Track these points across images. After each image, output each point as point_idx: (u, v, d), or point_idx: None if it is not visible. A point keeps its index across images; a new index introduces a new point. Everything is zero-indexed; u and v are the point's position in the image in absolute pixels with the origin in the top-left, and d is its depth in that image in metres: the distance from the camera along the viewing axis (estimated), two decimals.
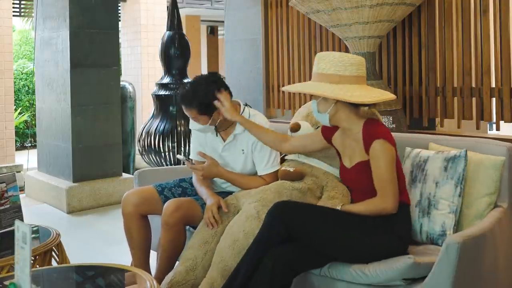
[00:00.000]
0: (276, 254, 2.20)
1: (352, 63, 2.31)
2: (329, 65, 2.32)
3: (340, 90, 2.27)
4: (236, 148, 2.84)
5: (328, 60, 2.33)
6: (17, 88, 10.45)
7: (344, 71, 2.29)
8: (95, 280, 2.19)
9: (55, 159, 5.31)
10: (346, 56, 2.34)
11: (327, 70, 2.32)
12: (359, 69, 2.32)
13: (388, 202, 2.24)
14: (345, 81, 2.30)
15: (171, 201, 2.66)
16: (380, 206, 2.25)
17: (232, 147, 2.85)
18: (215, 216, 2.59)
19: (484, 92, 3.84)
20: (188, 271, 2.47)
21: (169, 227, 2.60)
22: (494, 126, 3.91)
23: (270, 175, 2.80)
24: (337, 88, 2.28)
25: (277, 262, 2.18)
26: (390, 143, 2.27)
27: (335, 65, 2.30)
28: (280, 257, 2.19)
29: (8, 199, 2.68)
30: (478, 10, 3.87)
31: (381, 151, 2.24)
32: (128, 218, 2.83)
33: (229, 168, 2.85)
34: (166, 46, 5.97)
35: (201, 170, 2.75)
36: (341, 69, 2.30)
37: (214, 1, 10.74)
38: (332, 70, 2.31)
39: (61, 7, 5.14)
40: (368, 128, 2.30)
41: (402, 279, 2.11)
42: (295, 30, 5.11)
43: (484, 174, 2.39)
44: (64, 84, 5.13)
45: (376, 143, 2.24)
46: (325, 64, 2.33)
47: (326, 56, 2.36)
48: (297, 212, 2.27)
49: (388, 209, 2.24)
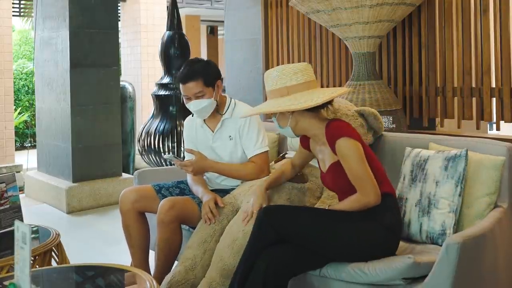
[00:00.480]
0: (270, 256, 2.20)
1: (295, 71, 2.34)
2: (275, 80, 2.35)
3: (288, 101, 2.29)
4: (224, 135, 2.86)
5: (273, 76, 2.37)
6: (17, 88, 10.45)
7: (290, 81, 2.33)
8: (94, 280, 2.19)
9: (55, 159, 5.30)
10: (288, 66, 2.37)
11: (274, 86, 2.35)
12: (304, 74, 2.35)
13: (369, 196, 2.24)
14: (294, 90, 2.32)
15: (166, 200, 2.67)
16: (363, 201, 2.25)
17: (221, 135, 2.86)
18: (213, 211, 2.60)
19: (484, 92, 3.84)
20: (187, 271, 2.47)
21: (164, 225, 2.61)
22: (494, 126, 3.91)
23: (259, 156, 2.79)
24: (286, 100, 2.30)
25: (270, 264, 2.18)
26: (354, 138, 2.27)
27: (280, 78, 2.34)
28: (273, 258, 2.20)
29: (8, 199, 2.68)
30: (478, 10, 3.87)
31: (346, 149, 2.24)
32: (126, 215, 2.84)
33: (220, 158, 2.85)
34: (166, 46, 5.97)
35: (190, 166, 2.73)
36: (286, 80, 2.33)
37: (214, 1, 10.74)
38: (279, 84, 2.34)
39: (60, 7, 5.14)
40: (329, 129, 2.31)
41: (402, 279, 2.11)
42: (295, 30, 5.11)
43: (484, 174, 2.39)
44: (63, 84, 5.13)
45: (340, 142, 2.25)
46: (271, 80, 2.37)
47: (270, 72, 2.40)
48: (284, 214, 2.27)
49: (371, 203, 2.24)
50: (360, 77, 3.94)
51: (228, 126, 2.84)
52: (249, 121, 2.82)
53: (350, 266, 2.21)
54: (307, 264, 2.28)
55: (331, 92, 2.35)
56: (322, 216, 2.30)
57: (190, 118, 2.98)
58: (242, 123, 2.81)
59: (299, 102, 2.27)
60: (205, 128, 2.89)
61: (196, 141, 2.93)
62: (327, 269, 2.27)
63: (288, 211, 2.30)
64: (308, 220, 2.27)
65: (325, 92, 2.35)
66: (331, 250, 2.26)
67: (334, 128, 2.29)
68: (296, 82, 2.32)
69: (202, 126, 2.89)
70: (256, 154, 2.80)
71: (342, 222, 2.25)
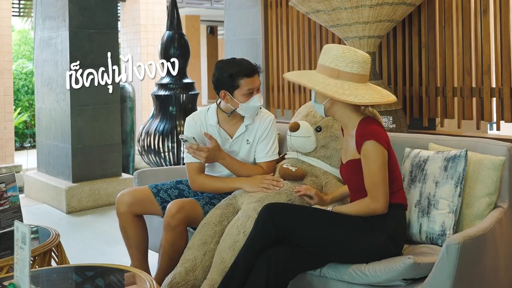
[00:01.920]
0: (271, 257, 2.20)
1: (353, 60, 2.26)
2: (331, 58, 2.28)
3: (333, 87, 2.23)
4: (244, 139, 2.84)
5: (331, 53, 2.29)
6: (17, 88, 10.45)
7: (345, 67, 2.26)
8: (94, 280, 2.19)
9: (55, 159, 5.30)
10: (350, 52, 2.28)
11: (329, 63, 2.29)
12: (361, 67, 2.27)
13: (378, 203, 2.21)
14: (344, 77, 2.26)
15: (173, 203, 2.64)
16: (370, 207, 2.22)
17: (241, 139, 2.84)
18: (274, 178, 2.66)
19: (485, 92, 3.83)
20: (187, 272, 2.47)
21: (171, 228, 2.60)
22: (495, 126, 3.90)
23: (268, 164, 2.82)
24: (332, 83, 2.24)
25: (271, 265, 2.18)
26: (382, 145, 2.22)
27: (337, 59, 2.27)
28: (274, 259, 2.19)
29: (8, 200, 2.68)
30: (478, 10, 3.86)
31: (371, 152, 2.20)
32: (122, 217, 2.83)
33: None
34: (166, 46, 5.97)
35: (206, 151, 2.69)
36: (342, 64, 2.26)
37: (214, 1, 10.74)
38: (333, 64, 2.27)
39: (60, 7, 5.14)
40: (362, 127, 2.26)
41: (402, 279, 2.11)
42: (295, 30, 5.11)
43: (484, 174, 2.38)
44: (63, 84, 5.12)
45: (368, 144, 2.21)
46: (328, 57, 2.30)
47: (331, 48, 2.32)
48: (286, 214, 2.26)
49: (378, 210, 2.22)
50: None
51: (250, 131, 2.84)
52: (270, 128, 2.84)
53: (351, 267, 2.21)
54: (305, 264, 2.28)
55: (380, 97, 2.26)
56: (325, 218, 2.28)
57: (198, 116, 2.89)
58: (264, 128, 2.82)
59: (343, 92, 2.21)
60: (221, 132, 2.84)
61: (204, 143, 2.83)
62: (327, 270, 2.27)
63: (291, 210, 2.30)
64: (311, 221, 2.26)
65: (372, 94, 2.25)
66: (330, 253, 2.25)
67: (366, 129, 2.24)
68: (350, 70, 2.25)
69: (219, 131, 2.83)
70: (266, 161, 2.82)
71: (344, 227, 2.24)
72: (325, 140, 2.77)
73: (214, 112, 2.86)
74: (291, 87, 5.11)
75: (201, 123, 2.86)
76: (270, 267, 2.17)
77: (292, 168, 2.70)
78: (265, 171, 2.79)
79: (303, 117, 2.86)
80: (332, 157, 2.77)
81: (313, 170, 2.75)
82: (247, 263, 2.23)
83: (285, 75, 2.44)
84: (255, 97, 2.73)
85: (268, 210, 2.27)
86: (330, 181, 2.71)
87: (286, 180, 2.69)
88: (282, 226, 2.23)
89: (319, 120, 2.79)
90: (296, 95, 5.07)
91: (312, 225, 2.25)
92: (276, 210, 2.28)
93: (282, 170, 2.72)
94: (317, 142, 2.78)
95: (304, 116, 2.86)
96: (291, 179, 2.68)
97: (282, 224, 2.23)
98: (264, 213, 2.27)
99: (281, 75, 5.25)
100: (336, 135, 2.77)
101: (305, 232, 2.24)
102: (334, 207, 2.34)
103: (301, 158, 2.81)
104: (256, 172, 2.78)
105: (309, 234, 2.24)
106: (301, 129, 2.77)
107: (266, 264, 2.18)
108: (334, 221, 2.26)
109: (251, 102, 2.72)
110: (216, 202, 2.78)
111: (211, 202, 2.78)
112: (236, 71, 2.69)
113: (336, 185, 2.68)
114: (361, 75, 2.29)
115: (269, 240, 2.24)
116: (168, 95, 5.86)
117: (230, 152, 2.82)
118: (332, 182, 2.71)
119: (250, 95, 2.72)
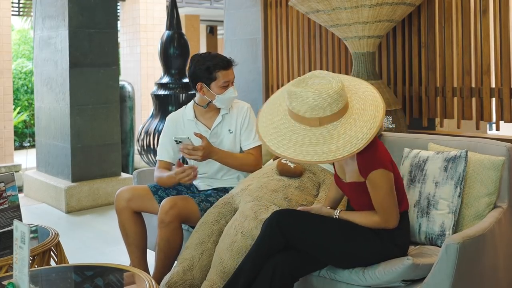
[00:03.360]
0: (276, 262, 2.19)
1: (330, 102, 2.04)
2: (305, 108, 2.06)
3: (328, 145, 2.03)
4: (224, 130, 2.94)
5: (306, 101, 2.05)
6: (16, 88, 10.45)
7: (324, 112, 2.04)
8: (93, 280, 2.19)
9: (54, 158, 5.30)
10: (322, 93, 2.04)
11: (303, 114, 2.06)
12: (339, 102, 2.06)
13: (389, 222, 2.19)
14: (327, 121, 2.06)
15: (166, 199, 2.68)
16: (381, 225, 2.20)
17: (220, 130, 2.93)
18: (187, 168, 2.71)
19: (484, 92, 3.83)
20: (185, 272, 2.47)
21: (164, 225, 2.61)
22: (494, 126, 3.90)
23: (256, 149, 2.95)
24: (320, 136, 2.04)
25: (277, 270, 2.17)
26: (388, 170, 2.14)
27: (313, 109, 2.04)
28: (280, 264, 2.18)
29: (7, 199, 2.67)
30: (478, 10, 3.86)
31: (380, 181, 2.13)
32: (121, 214, 2.85)
33: None
34: (166, 45, 5.97)
35: (202, 150, 2.73)
36: (319, 111, 2.04)
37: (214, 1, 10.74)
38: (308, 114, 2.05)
39: (60, 6, 5.13)
40: (364, 157, 2.13)
41: (402, 281, 2.11)
42: (295, 30, 5.10)
43: (484, 174, 2.38)
44: (63, 83, 5.12)
45: (375, 174, 2.12)
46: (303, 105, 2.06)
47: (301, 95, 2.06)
48: (294, 221, 2.24)
49: (390, 227, 2.20)
50: (359, 77, 3.93)
51: (228, 120, 2.94)
52: (249, 115, 2.97)
53: (350, 269, 2.21)
54: (310, 268, 2.28)
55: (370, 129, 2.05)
56: (335, 227, 2.25)
57: (176, 114, 3.04)
58: (244, 116, 2.95)
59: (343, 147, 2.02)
60: (199, 124, 2.95)
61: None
62: (326, 271, 2.26)
63: (299, 218, 2.27)
64: (319, 229, 2.24)
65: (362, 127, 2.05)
66: (336, 260, 2.24)
67: (370, 156, 2.13)
68: (330, 113, 2.05)
69: (197, 124, 2.94)
70: (254, 146, 2.93)
71: (354, 238, 2.22)
72: None
73: (191, 107, 3.00)
74: None
75: (178, 121, 2.99)
76: (276, 272, 2.17)
77: (290, 164, 2.69)
78: (256, 157, 2.93)
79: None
80: None
81: (311, 167, 2.75)
82: (253, 268, 2.22)
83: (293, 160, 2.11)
84: (230, 89, 2.86)
85: (277, 217, 2.25)
86: (328, 178, 2.71)
87: (283, 176, 2.68)
88: (289, 233, 2.21)
89: None
90: None
91: (320, 233, 2.23)
92: (284, 217, 2.26)
93: (281, 166, 2.70)
94: None
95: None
96: (289, 175, 2.68)
97: (290, 231, 2.22)
98: (272, 220, 2.25)
99: (280, 75, 5.25)
100: None
101: (312, 240, 2.22)
102: (340, 213, 2.27)
103: None
104: (248, 160, 2.90)
105: (316, 242, 2.22)
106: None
107: (272, 269, 2.17)
108: (342, 230, 2.24)
109: (227, 93, 2.86)
110: (212, 199, 2.81)
111: (207, 199, 2.81)
112: (213, 64, 2.83)
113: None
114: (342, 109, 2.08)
115: (276, 247, 2.23)
116: (168, 94, 5.86)
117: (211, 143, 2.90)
118: (330, 180, 2.70)
119: (226, 87, 2.85)
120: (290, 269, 2.20)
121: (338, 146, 2.03)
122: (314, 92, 2.04)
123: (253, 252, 2.26)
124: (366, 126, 2.06)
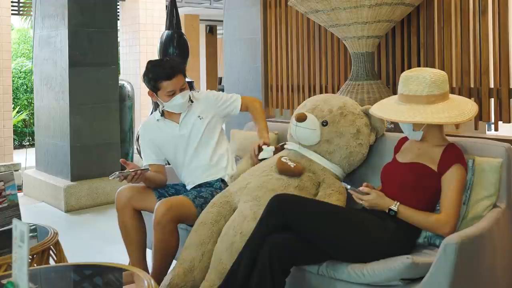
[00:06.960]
0: (273, 240, 2.21)
1: (442, 80, 2.34)
2: (422, 87, 2.32)
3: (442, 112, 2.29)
4: (191, 118, 2.99)
5: (422, 82, 2.33)
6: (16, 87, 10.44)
7: (438, 89, 2.33)
8: (93, 279, 2.19)
9: (53, 157, 5.30)
10: (435, 75, 2.34)
11: (421, 92, 2.32)
12: (446, 84, 2.37)
13: (450, 225, 2.22)
14: (438, 100, 2.33)
15: (162, 202, 2.67)
16: (440, 227, 2.23)
17: (189, 120, 2.99)
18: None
19: (483, 92, 3.84)
20: (186, 273, 2.47)
21: (160, 226, 2.61)
22: (493, 126, 3.91)
23: (243, 98, 3.13)
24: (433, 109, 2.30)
25: (274, 248, 2.18)
26: (465, 169, 2.32)
27: (429, 86, 2.32)
28: (277, 243, 2.20)
29: (6, 198, 2.67)
30: (477, 11, 3.87)
31: (459, 175, 2.28)
32: (122, 211, 2.86)
33: (192, 141, 2.98)
34: (165, 45, 5.97)
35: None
36: (434, 88, 2.32)
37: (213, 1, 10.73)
38: (426, 91, 2.32)
39: (60, 5, 5.14)
40: (451, 150, 2.34)
41: (400, 279, 2.11)
42: (294, 30, 5.10)
43: (483, 177, 2.37)
44: (62, 82, 5.12)
45: (457, 166, 2.28)
46: (417, 85, 2.33)
47: (416, 77, 2.35)
48: (296, 205, 2.27)
49: (446, 233, 2.19)
50: (358, 77, 3.94)
51: (195, 108, 3.01)
52: (212, 93, 3.12)
53: (349, 267, 2.21)
54: (308, 255, 2.27)
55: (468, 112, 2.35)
56: (335, 213, 2.29)
57: (147, 120, 3.15)
58: (209, 99, 3.06)
59: (455, 114, 2.30)
60: (167, 122, 3.02)
61: (160, 140, 3.01)
62: (325, 268, 2.26)
63: (300, 202, 2.32)
64: (320, 214, 2.27)
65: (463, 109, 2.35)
66: (338, 251, 2.25)
67: (456, 151, 2.34)
68: (443, 91, 2.34)
69: (165, 122, 3.02)
70: (238, 98, 3.11)
71: (355, 226, 2.24)
72: (329, 135, 2.75)
73: (159, 109, 3.10)
74: (289, 87, 5.11)
75: (151, 125, 3.08)
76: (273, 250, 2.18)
77: (291, 163, 2.67)
78: (250, 98, 3.18)
79: (309, 110, 2.82)
80: (334, 153, 2.75)
81: (311, 166, 2.73)
82: (254, 249, 2.24)
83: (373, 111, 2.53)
84: (177, 96, 2.91)
85: (278, 200, 2.29)
86: (328, 178, 2.69)
87: (283, 175, 2.67)
88: (291, 218, 2.24)
89: (326, 114, 2.78)
90: (294, 94, 5.07)
91: (322, 220, 2.25)
92: (285, 200, 2.30)
93: (280, 164, 2.67)
94: (321, 136, 2.76)
95: (310, 109, 2.84)
96: (289, 174, 2.66)
97: (292, 215, 2.24)
98: (273, 203, 2.29)
99: (280, 75, 5.25)
100: (341, 132, 2.74)
101: (314, 227, 2.25)
102: (400, 206, 2.29)
103: (302, 152, 2.77)
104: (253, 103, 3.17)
105: (317, 229, 2.25)
106: (308, 120, 2.74)
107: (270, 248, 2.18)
108: (346, 219, 2.27)
109: (174, 101, 2.92)
110: (205, 195, 2.83)
111: (200, 195, 2.82)
112: (156, 76, 2.91)
113: (334, 182, 2.67)
114: (447, 92, 2.37)
115: (275, 228, 2.25)
116: None
117: (181, 135, 2.98)
118: (330, 179, 2.69)
119: (172, 95, 2.91)
120: (289, 252, 2.20)
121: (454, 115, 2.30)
122: (430, 72, 2.35)
123: (254, 233, 2.29)
124: (467, 107, 2.37)
